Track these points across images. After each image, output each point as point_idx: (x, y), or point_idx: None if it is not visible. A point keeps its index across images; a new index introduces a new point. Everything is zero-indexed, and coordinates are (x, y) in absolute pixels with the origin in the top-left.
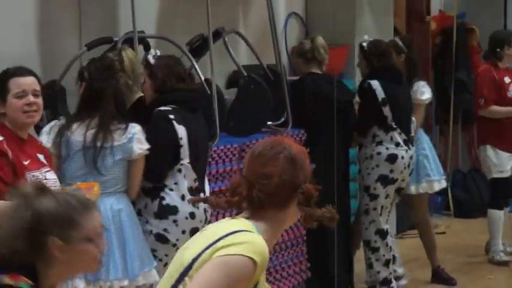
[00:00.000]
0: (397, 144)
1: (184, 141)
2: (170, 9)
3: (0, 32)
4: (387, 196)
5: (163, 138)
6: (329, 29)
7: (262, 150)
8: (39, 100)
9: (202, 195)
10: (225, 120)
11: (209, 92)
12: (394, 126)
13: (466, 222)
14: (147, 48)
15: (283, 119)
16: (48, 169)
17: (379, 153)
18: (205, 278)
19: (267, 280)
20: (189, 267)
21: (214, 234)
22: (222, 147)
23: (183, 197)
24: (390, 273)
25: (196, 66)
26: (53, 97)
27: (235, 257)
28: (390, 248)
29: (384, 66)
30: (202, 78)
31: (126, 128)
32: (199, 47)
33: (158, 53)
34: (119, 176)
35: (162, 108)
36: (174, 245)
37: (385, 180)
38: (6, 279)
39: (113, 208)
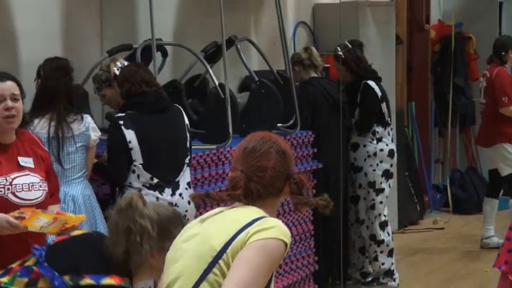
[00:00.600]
0: (392, 140)
1: (133, 144)
2: (186, 18)
3: (27, 41)
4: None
5: (114, 143)
6: (334, 37)
7: (255, 146)
8: (18, 104)
9: (173, 189)
10: (237, 122)
11: (223, 96)
12: (389, 122)
13: (464, 218)
14: (164, 54)
15: (292, 121)
16: (24, 173)
17: (381, 150)
18: (251, 261)
19: (276, 272)
20: (222, 252)
21: (237, 222)
22: (234, 148)
23: None
24: (392, 263)
25: (211, 72)
26: (76, 100)
27: (272, 240)
28: (392, 237)
29: (367, 68)
30: (217, 83)
31: (82, 118)
32: (213, 54)
33: (125, 63)
34: (81, 162)
35: (117, 115)
36: None
37: (387, 175)
38: (108, 280)
39: (83, 193)
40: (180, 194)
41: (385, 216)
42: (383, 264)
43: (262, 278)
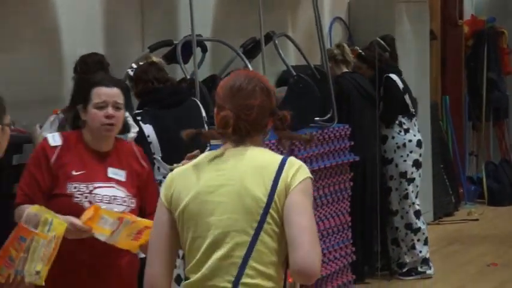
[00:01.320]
0: (418, 130)
1: (152, 138)
2: (225, 15)
3: (70, 37)
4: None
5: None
6: (370, 33)
7: (242, 85)
8: (120, 113)
9: None
10: None
11: None
12: (414, 113)
13: (498, 210)
14: (204, 50)
15: (329, 115)
16: (109, 185)
17: (410, 141)
18: (305, 206)
19: None
20: (270, 201)
21: (265, 167)
22: (273, 141)
23: None
24: (427, 251)
25: (250, 67)
26: None
27: (307, 179)
28: (426, 226)
29: (387, 62)
30: None
31: None
32: (252, 49)
33: (134, 66)
34: None
35: (135, 112)
36: None
37: (417, 164)
38: None
39: None
40: None
41: (418, 205)
42: (420, 252)
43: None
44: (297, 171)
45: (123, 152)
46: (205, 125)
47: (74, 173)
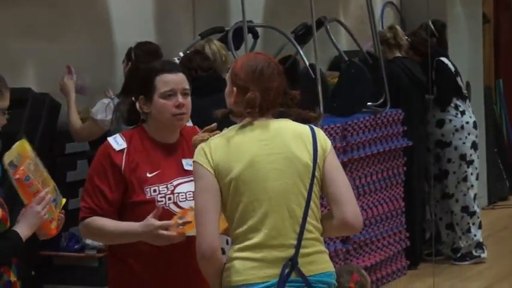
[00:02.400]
0: (472, 112)
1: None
2: (276, 1)
3: (122, 26)
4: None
5: None
6: (422, 17)
7: (263, 68)
8: (188, 100)
9: None
10: (328, 102)
11: (314, 76)
12: (467, 95)
13: None
14: (255, 36)
15: (381, 99)
16: (188, 179)
17: (467, 123)
18: (341, 167)
19: (368, 248)
20: (315, 165)
21: (300, 135)
22: (326, 127)
23: None
24: (481, 235)
25: (301, 53)
26: None
27: (330, 142)
28: (480, 210)
29: (433, 46)
30: (307, 63)
31: None
32: (303, 35)
33: (181, 54)
34: None
35: None
36: None
37: (475, 146)
38: None
39: None
40: None
41: (477, 188)
42: (475, 236)
43: None
44: (325, 136)
45: (190, 139)
46: None
47: (149, 175)
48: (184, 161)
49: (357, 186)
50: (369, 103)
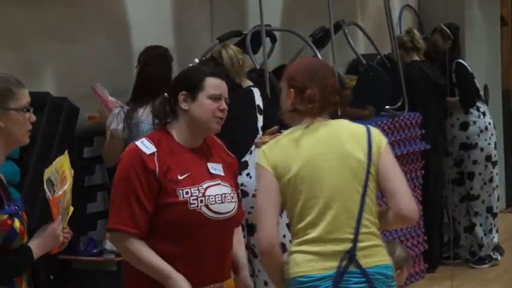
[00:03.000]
0: (489, 114)
1: None
2: (294, 4)
3: (141, 30)
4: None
5: None
6: (440, 20)
7: (318, 68)
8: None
9: (240, 168)
10: None
11: None
12: (483, 97)
13: None
14: (273, 40)
15: (399, 103)
16: (215, 182)
17: (490, 123)
18: (396, 163)
19: None
20: (369, 161)
21: (357, 134)
22: (385, 122)
23: None
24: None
25: (319, 56)
26: None
27: (387, 141)
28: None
29: (450, 49)
30: None
31: None
32: (321, 38)
33: (197, 60)
34: None
35: None
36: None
37: (497, 147)
38: None
39: None
40: (248, 174)
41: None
42: (493, 238)
43: None
44: (381, 134)
45: (212, 145)
46: (257, 113)
47: (180, 177)
48: (209, 165)
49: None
50: (387, 106)
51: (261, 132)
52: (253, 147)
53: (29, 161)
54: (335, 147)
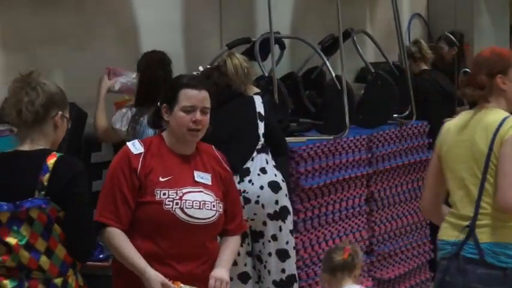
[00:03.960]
0: None
1: None
2: (303, 12)
3: (150, 35)
4: None
5: None
6: (449, 29)
7: (486, 57)
8: (206, 118)
9: (242, 175)
10: (354, 113)
11: (340, 88)
12: None
13: None
14: (282, 47)
15: (407, 111)
16: (197, 189)
17: None
18: (510, 156)
19: (392, 260)
20: (490, 151)
21: (488, 125)
22: (351, 138)
23: None
24: None
25: (328, 64)
26: None
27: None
28: None
29: (457, 57)
30: (333, 75)
31: None
32: (330, 46)
33: (201, 68)
34: None
35: None
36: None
37: None
38: None
39: None
40: (250, 181)
41: None
42: None
43: None
44: (510, 128)
45: (205, 155)
46: (259, 121)
47: (161, 179)
48: (196, 173)
49: (382, 198)
50: (394, 115)
51: (262, 139)
52: (254, 154)
53: None
54: (468, 136)
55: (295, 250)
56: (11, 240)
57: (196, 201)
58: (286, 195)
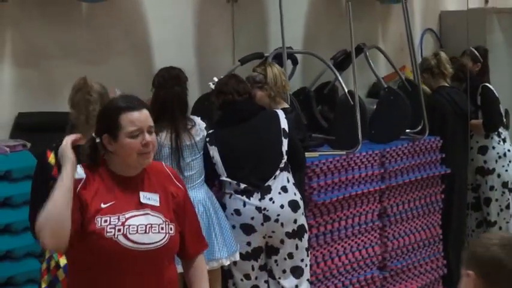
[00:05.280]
0: (510, 141)
1: (216, 160)
2: (315, 27)
3: (165, 52)
4: None
5: (204, 159)
6: (461, 44)
7: None
8: (154, 137)
9: (263, 193)
10: (366, 128)
11: (352, 103)
12: (506, 123)
13: None
14: (294, 62)
15: (420, 127)
16: (142, 212)
17: (509, 150)
18: None
19: (405, 275)
20: None
21: None
22: (364, 153)
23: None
24: None
25: (340, 79)
26: (207, 108)
27: None
28: None
29: (477, 72)
30: (346, 90)
31: (194, 123)
32: (342, 61)
33: (215, 79)
34: (200, 167)
35: (207, 133)
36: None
37: None
38: None
39: (208, 196)
40: (271, 199)
41: None
42: None
43: None
44: None
45: (153, 174)
46: (283, 138)
47: (103, 205)
48: (142, 194)
49: (394, 213)
50: (407, 130)
51: (285, 157)
52: (277, 172)
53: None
54: None
55: (308, 267)
56: None
57: (142, 225)
58: (303, 213)
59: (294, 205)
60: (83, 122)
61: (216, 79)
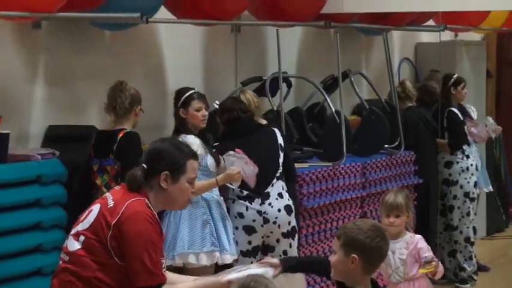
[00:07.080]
0: (473, 156)
1: None
2: (308, 55)
3: (173, 74)
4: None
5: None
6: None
7: None
8: None
9: (263, 199)
10: (350, 143)
11: (338, 121)
12: (470, 142)
13: None
14: (289, 85)
15: (396, 143)
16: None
17: (471, 165)
18: None
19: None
20: None
21: None
22: (348, 165)
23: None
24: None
25: (329, 100)
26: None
27: None
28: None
29: (442, 96)
30: (333, 110)
31: None
32: (331, 85)
33: (217, 102)
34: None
35: (214, 144)
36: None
37: (476, 186)
38: None
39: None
40: (270, 204)
41: (475, 222)
42: (474, 264)
43: None
44: None
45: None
46: (280, 151)
47: None
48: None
49: (374, 217)
50: (385, 145)
51: (281, 168)
52: (274, 181)
53: (74, 185)
54: None
55: None
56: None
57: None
58: (295, 216)
59: (288, 209)
60: (109, 110)
61: (217, 102)
